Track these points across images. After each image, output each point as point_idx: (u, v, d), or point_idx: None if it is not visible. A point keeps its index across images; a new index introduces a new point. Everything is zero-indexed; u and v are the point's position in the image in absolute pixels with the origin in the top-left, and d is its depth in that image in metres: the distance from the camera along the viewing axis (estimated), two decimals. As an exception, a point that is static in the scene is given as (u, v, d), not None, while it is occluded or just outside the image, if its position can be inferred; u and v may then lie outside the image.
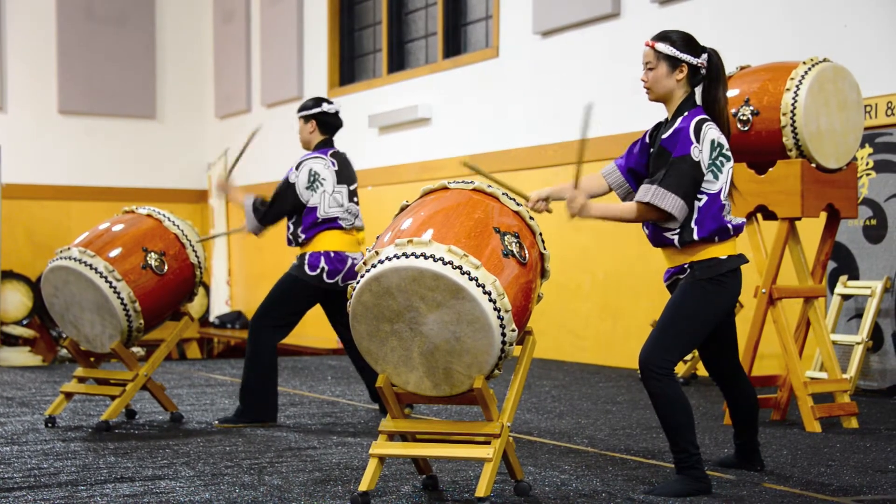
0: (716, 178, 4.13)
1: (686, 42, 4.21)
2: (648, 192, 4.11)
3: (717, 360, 4.40)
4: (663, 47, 4.19)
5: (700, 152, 4.10)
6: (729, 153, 4.19)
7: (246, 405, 5.87)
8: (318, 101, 6.15)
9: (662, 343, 4.10)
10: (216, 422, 5.89)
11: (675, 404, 4.05)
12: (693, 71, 4.21)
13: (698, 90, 4.28)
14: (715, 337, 4.32)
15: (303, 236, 5.97)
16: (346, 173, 6.10)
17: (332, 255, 5.96)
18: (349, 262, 6.00)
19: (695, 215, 4.14)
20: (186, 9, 14.71)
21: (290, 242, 6.08)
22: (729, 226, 4.18)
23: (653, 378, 4.05)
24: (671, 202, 4.08)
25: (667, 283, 4.34)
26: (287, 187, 5.98)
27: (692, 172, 4.08)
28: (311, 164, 6.00)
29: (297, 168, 5.99)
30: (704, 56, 4.22)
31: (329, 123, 6.17)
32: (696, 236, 4.14)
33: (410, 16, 11.78)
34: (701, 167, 4.09)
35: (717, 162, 4.13)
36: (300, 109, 6.19)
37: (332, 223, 5.98)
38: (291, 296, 6.00)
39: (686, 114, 4.17)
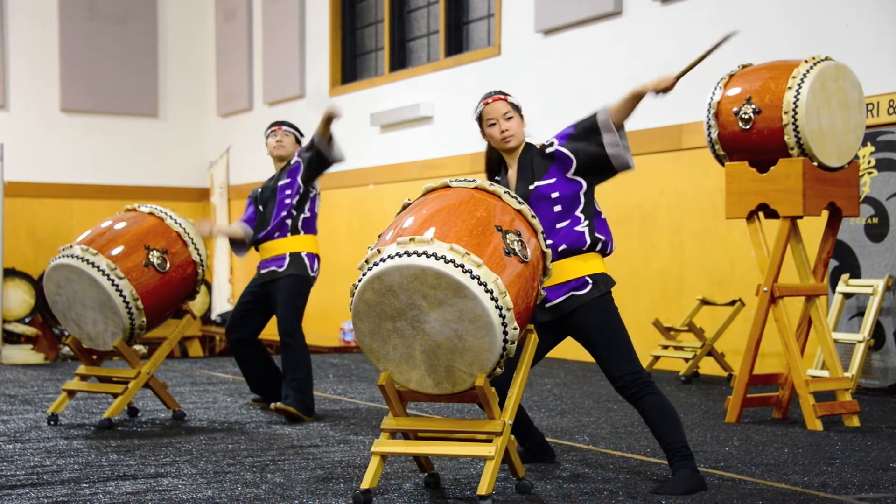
0: None
1: None
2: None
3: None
4: (514, 100, 4.47)
5: None
6: None
7: (304, 402, 5.97)
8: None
9: (629, 357, 4.22)
10: (274, 404, 5.98)
11: (667, 404, 4.21)
12: None
13: None
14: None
15: (302, 227, 6.12)
16: None
17: (318, 258, 6.22)
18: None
19: (596, 221, 4.30)
20: (188, 7, 14.72)
21: (285, 231, 6.11)
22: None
23: (645, 386, 4.18)
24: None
25: (555, 302, 4.27)
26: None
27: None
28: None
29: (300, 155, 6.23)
30: None
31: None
32: (600, 245, 4.31)
33: (412, 14, 11.78)
34: None
35: None
36: (293, 126, 6.36)
37: (314, 223, 6.21)
38: (305, 295, 6.15)
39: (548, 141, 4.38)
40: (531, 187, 4.29)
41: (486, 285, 3.69)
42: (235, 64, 14.18)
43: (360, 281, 3.82)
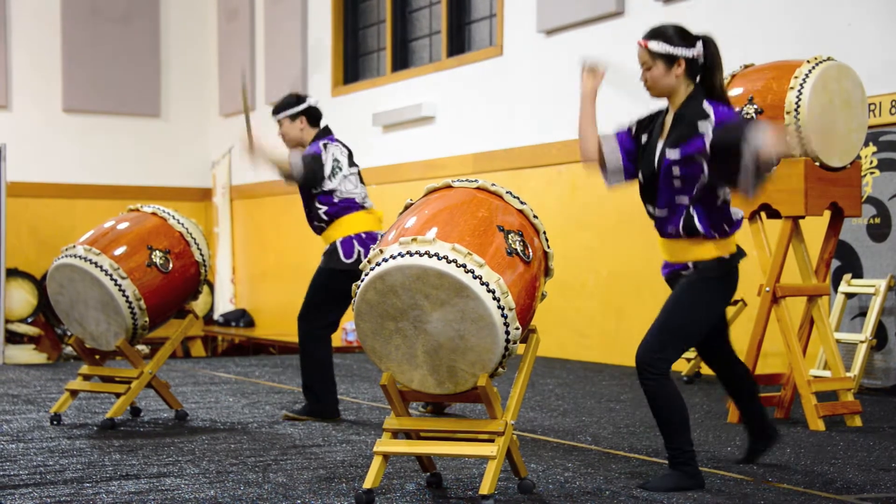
0: None
1: (680, 36, 4.16)
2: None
3: (712, 347, 4.41)
4: (657, 46, 4.15)
5: None
6: None
7: (310, 403, 5.93)
8: (300, 98, 6.17)
9: (659, 341, 4.08)
10: (283, 412, 5.99)
11: (670, 403, 4.07)
12: (690, 63, 4.16)
13: None
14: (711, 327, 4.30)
15: (326, 219, 5.93)
16: (353, 158, 6.09)
17: (364, 235, 5.94)
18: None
19: (698, 210, 4.12)
20: (190, 7, 14.73)
21: (317, 228, 6.02)
22: (732, 219, 4.19)
23: (648, 377, 4.05)
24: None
25: (666, 276, 4.30)
26: (319, 161, 5.95)
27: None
28: (333, 150, 5.99)
29: (324, 149, 5.97)
30: (699, 45, 4.16)
31: (316, 117, 6.17)
32: (700, 228, 4.11)
33: (414, 14, 11.78)
34: None
35: None
36: (282, 109, 6.15)
37: (353, 203, 5.95)
38: (329, 291, 5.92)
39: (708, 104, 4.11)
40: (669, 153, 4.11)
41: (488, 285, 3.69)
42: (237, 64, 14.18)
43: (362, 281, 3.82)
